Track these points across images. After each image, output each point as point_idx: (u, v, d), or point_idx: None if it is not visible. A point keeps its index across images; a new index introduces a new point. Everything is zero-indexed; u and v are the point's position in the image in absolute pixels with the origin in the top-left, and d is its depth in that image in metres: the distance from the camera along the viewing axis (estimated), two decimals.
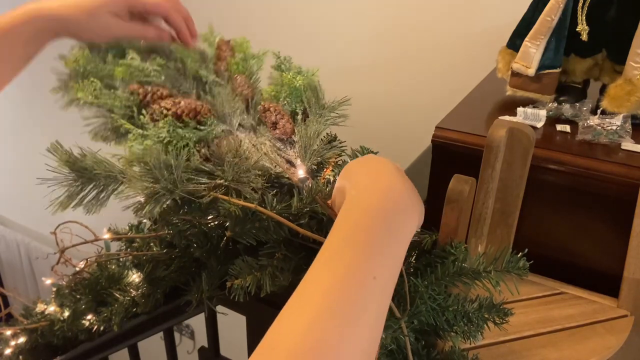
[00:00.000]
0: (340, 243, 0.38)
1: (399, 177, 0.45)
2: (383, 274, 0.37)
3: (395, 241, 0.39)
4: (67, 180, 0.55)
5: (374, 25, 1.49)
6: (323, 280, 0.36)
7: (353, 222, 0.39)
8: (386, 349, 0.55)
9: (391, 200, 0.41)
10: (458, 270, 0.55)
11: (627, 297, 0.77)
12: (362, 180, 0.43)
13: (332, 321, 0.33)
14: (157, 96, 0.62)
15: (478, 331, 0.58)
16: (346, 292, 0.35)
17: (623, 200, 0.75)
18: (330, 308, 0.34)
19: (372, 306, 0.35)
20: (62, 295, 0.94)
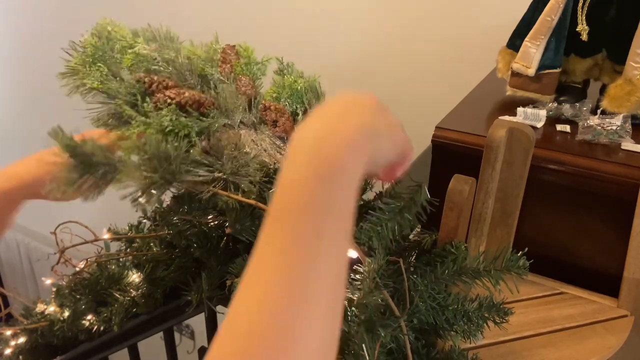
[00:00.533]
0: (277, 210, 0.35)
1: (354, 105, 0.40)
2: (329, 231, 0.34)
3: (336, 196, 0.35)
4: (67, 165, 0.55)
5: (373, 25, 1.49)
6: (266, 253, 0.34)
7: (287, 177, 0.36)
8: (385, 347, 0.55)
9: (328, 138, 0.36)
10: (458, 270, 0.55)
11: (627, 297, 0.77)
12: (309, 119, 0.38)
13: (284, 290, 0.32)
14: (163, 86, 0.62)
15: (478, 330, 0.58)
16: (290, 257, 0.33)
17: (623, 200, 0.75)
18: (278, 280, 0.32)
19: (322, 265, 0.33)
20: (62, 295, 0.94)
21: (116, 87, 0.60)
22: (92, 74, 0.62)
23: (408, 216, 0.57)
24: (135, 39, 0.68)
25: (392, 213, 0.57)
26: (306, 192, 0.34)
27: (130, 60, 0.64)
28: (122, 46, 0.67)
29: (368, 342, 0.54)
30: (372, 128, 0.39)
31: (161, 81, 0.61)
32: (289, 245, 0.33)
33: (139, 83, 0.61)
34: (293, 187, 0.35)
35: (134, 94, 0.60)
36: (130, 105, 0.60)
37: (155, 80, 0.61)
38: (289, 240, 0.33)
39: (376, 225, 0.57)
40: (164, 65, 0.64)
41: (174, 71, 0.64)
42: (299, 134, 0.38)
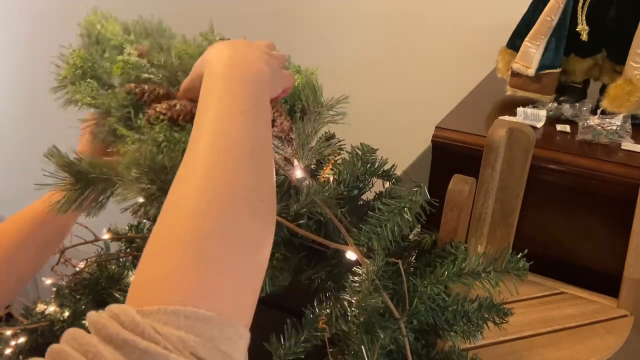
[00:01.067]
0: (205, 97, 0.45)
1: (249, 46, 0.52)
2: (249, 109, 0.44)
3: (251, 81, 0.46)
4: (66, 185, 0.56)
5: (374, 25, 1.49)
6: (201, 129, 0.43)
7: (212, 78, 0.46)
8: (385, 349, 0.55)
9: (241, 53, 0.49)
10: (458, 271, 0.55)
11: (627, 297, 0.77)
12: (215, 50, 0.50)
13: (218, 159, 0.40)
14: (154, 95, 0.62)
15: (478, 331, 0.58)
16: (219, 131, 0.42)
17: (623, 200, 0.75)
18: (213, 147, 0.41)
19: (249, 136, 0.43)
20: (62, 295, 0.94)
21: (108, 102, 0.61)
22: (83, 90, 0.62)
23: (407, 217, 0.57)
24: (125, 37, 0.67)
25: (391, 214, 0.57)
26: (236, 84, 0.45)
27: (120, 68, 0.64)
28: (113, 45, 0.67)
29: (367, 344, 0.54)
30: (267, 58, 0.51)
31: (152, 90, 0.62)
32: (223, 119, 0.43)
33: (130, 94, 0.61)
34: (220, 79, 0.46)
35: (126, 106, 0.60)
36: (123, 119, 0.60)
37: (146, 90, 0.62)
38: (221, 115, 0.43)
39: (376, 227, 0.57)
40: (154, 72, 0.64)
41: (165, 75, 0.64)
42: (213, 52, 0.49)
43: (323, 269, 0.64)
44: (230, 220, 0.38)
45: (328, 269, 0.64)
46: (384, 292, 0.54)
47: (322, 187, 0.60)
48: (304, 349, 0.59)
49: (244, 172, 0.41)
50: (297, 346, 0.59)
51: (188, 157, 0.42)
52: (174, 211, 0.38)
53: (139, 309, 0.32)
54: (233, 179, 0.40)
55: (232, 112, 0.43)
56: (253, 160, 0.42)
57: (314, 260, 0.65)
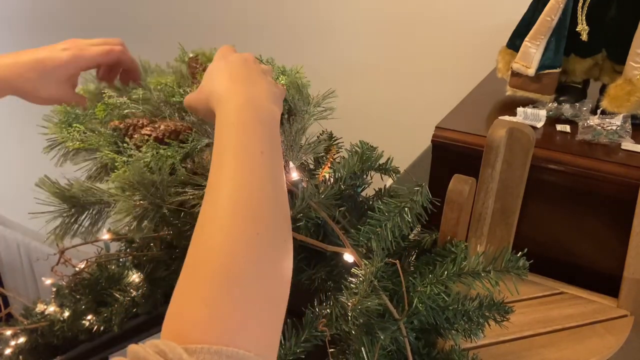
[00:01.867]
0: (222, 138, 0.46)
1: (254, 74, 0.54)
2: (267, 148, 0.46)
3: (266, 122, 0.48)
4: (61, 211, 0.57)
5: (374, 25, 1.49)
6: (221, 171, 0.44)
7: (229, 121, 0.47)
8: (385, 349, 0.54)
9: (253, 95, 0.50)
10: (457, 271, 0.55)
11: (627, 297, 0.77)
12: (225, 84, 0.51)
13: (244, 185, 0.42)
14: (139, 127, 0.64)
15: (479, 329, 0.58)
16: (242, 171, 0.43)
17: (623, 200, 0.75)
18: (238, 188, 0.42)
19: (270, 175, 0.44)
20: (62, 295, 0.94)
21: (97, 141, 0.63)
22: (72, 135, 0.65)
23: (408, 217, 0.57)
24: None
25: (391, 214, 0.57)
26: (249, 128, 0.47)
27: (103, 111, 0.67)
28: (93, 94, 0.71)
29: (367, 345, 0.53)
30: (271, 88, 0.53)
31: (135, 123, 0.64)
32: (244, 159, 0.44)
33: (116, 131, 0.64)
34: (235, 126, 0.47)
35: (114, 142, 0.63)
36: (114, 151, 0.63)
37: (130, 123, 0.64)
38: (241, 156, 0.44)
39: (375, 227, 0.57)
40: (135, 107, 0.66)
41: (147, 108, 0.66)
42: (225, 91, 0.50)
43: (323, 269, 0.64)
44: (257, 262, 0.39)
45: (328, 269, 0.64)
46: (383, 294, 0.54)
47: (317, 189, 0.60)
48: (304, 349, 0.59)
49: (268, 212, 0.42)
50: (297, 346, 0.59)
51: (210, 201, 0.43)
52: (204, 249, 0.40)
53: (184, 346, 0.33)
54: (258, 220, 0.41)
55: (252, 152, 0.44)
56: (275, 198, 0.44)
57: (313, 261, 0.65)
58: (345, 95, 1.74)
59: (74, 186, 0.57)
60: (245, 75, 0.53)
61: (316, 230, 0.61)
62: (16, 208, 3.00)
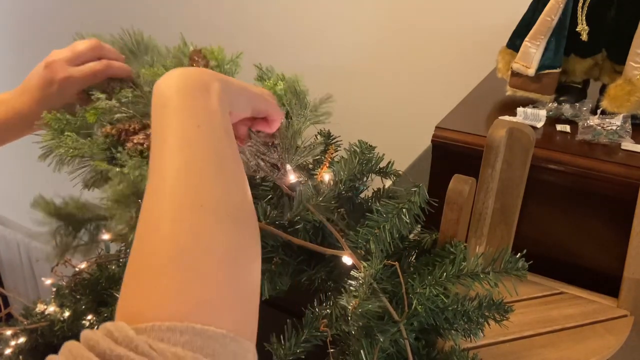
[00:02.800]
0: (158, 117, 0.45)
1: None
2: (204, 121, 0.44)
3: (201, 95, 0.46)
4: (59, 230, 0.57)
5: (373, 25, 1.49)
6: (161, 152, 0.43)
7: (163, 97, 0.46)
8: (385, 352, 0.54)
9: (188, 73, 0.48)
10: (456, 272, 0.55)
11: (627, 297, 0.77)
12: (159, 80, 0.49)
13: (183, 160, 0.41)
14: (131, 132, 0.63)
15: (478, 329, 0.58)
16: (179, 149, 0.42)
17: (623, 200, 0.75)
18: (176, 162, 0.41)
19: (209, 148, 0.43)
20: (62, 295, 0.94)
21: (90, 149, 0.63)
22: (64, 143, 0.64)
23: (405, 219, 0.56)
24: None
25: (389, 215, 0.57)
26: (185, 100, 0.45)
27: (94, 116, 0.66)
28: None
29: (366, 347, 0.53)
30: (221, 76, 0.50)
31: (127, 128, 0.64)
32: (180, 135, 0.43)
33: (108, 137, 0.63)
34: (171, 98, 0.46)
35: (107, 149, 0.62)
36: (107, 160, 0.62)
37: (122, 129, 0.63)
38: (179, 131, 0.43)
39: (373, 228, 0.57)
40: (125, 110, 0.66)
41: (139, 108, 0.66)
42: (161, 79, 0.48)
43: (323, 270, 0.64)
44: (205, 234, 0.38)
45: (328, 270, 0.64)
46: (383, 297, 0.54)
47: (315, 192, 0.59)
48: (304, 349, 0.59)
49: (210, 185, 0.41)
50: (297, 346, 0.59)
51: (154, 172, 0.42)
52: (150, 228, 0.39)
53: (133, 326, 0.32)
54: (200, 192, 0.40)
55: (188, 126, 0.44)
56: (218, 171, 0.43)
57: (313, 261, 0.65)
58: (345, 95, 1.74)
59: (69, 204, 0.57)
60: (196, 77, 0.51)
61: (315, 232, 0.61)
62: (16, 208, 3.00)
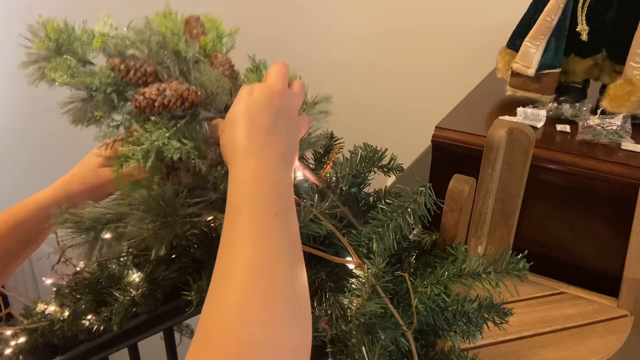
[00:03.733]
0: (235, 201, 0.46)
1: (276, 124, 0.51)
2: (281, 211, 0.45)
3: (280, 184, 0.47)
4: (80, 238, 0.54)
5: (374, 25, 1.49)
6: (238, 232, 0.43)
7: (244, 180, 0.47)
8: (386, 349, 0.54)
9: (270, 155, 0.49)
10: (458, 272, 0.55)
11: (626, 297, 0.77)
12: (243, 137, 0.50)
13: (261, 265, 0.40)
14: (141, 73, 0.55)
15: (477, 331, 0.58)
16: (257, 234, 0.42)
17: (623, 200, 0.75)
18: (251, 250, 0.41)
19: (281, 238, 0.43)
20: (62, 295, 0.94)
21: (89, 80, 0.54)
22: (59, 67, 0.54)
23: (410, 219, 0.56)
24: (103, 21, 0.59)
25: (394, 214, 0.56)
26: (265, 190, 0.46)
27: (100, 42, 0.56)
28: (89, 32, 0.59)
29: (367, 345, 0.53)
30: (290, 143, 0.52)
31: (139, 67, 0.55)
32: (258, 223, 0.43)
33: (114, 71, 0.54)
34: (250, 185, 0.46)
35: (109, 84, 0.54)
36: (108, 101, 0.54)
37: (131, 65, 0.55)
38: (256, 219, 0.43)
39: (377, 227, 0.56)
40: (139, 47, 0.57)
41: (150, 52, 0.57)
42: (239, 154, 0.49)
43: (323, 270, 0.64)
44: (274, 329, 0.38)
45: (328, 269, 0.64)
46: (385, 297, 0.54)
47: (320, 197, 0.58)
48: None
49: (284, 277, 0.41)
50: None
51: (224, 263, 0.42)
52: (217, 320, 0.38)
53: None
54: (274, 284, 0.40)
55: (267, 215, 0.44)
56: (290, 262, 0.42)
57: (314, 261, 0.65)
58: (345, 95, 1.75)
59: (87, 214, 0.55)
60: (265, 128, 0.50)
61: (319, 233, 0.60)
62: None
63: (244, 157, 0.48)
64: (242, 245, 0.41)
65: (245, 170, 0.47)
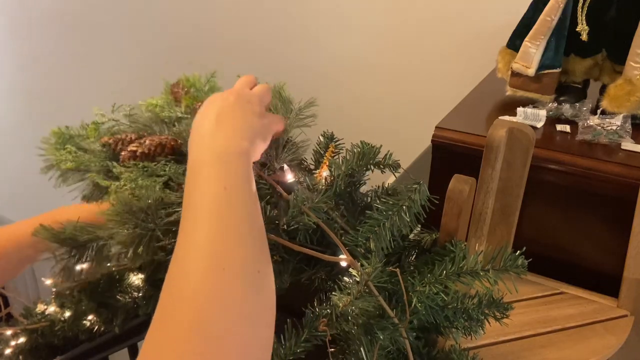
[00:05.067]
0: (188, 183, 0.48)
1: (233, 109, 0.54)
2: (231, 183, 0.46)
3: (231, 157, 0.49)
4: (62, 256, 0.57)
5: (374, 25, 1.49)
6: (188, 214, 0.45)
7: (193, 161, 0.49)
8: (385, 349, 0.54)
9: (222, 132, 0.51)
10: (457, 270, 0.55)
11: (626, 297, 0.77)
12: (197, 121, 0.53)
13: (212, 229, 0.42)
14: (127, 141, 0.64)
15: (479, 326, 0.58)
16: (205, 211, 0.44)
17: (623, 200, 0.75)
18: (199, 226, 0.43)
19: (230, 210, 0.45)
20: (63, 295, 0.94)
21: (87, 160, 0.64)
22: (64, 156, 0.65)
23: (406, 217, 0.56)
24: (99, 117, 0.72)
25: (390, 212, 0.57)
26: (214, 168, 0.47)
27: (94, 130, 0.68)
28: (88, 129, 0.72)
29: (366, 345, 0.53)
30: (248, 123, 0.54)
31: (124, 138, 0.64)
32: (208, 200, 0.45)
33: (105, 147, 0.64)
34: (204, 166, 0.48)
35: (104, 159, 0.63)
36: (104, 172, 0.63)
37: (119, 139, 0.64)
38: (206, 194, 0.45)
39: (373, 226, 0.56)
40: (125, 125, 0.67)
41: (137, 126, 0.67)
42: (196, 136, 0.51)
43: (323, 269, 0.64)
44: (226, 298, 0.39)
45: (327, 269, 0.64)
46: (380, 296, 0.54)
47: (311, 194, 0.59)
48: (304, 349, 0.59)
49: (234, 246, 0.42)
50: (297, 346, 0.59)
51: (182, 238, 0.43)
52: (173, 294, 0.40)
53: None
54: (223, 256, 0.41)
55: (215, 190, 0.45)
56: (242, 231, 0.44)
57: (313, 261, 0.65)
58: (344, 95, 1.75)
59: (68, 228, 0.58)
60: (223, 113, 0.54)
61: (314, 230, 0.61)
62: (16, 208, 3.00)
63: (193, 138, 0.51)
64: (192, 227, 0.43)
65: (194, 151, 0.50)
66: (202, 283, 0.39)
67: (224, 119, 0.53)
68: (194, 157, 0.50)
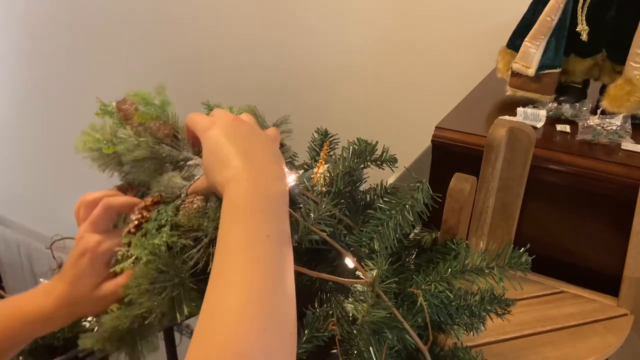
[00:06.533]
0: (228, 224, 0.46)
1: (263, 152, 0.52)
2: (274, 230, 0.45)
3: (273, 202, 0.48)
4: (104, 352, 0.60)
5: (374, 25, 1.50)
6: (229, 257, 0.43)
7: (235, 204, 0.47)
8: (392, 349, 0.54)
9: (257, 172, 0.49)
10: (461, 268, 0.55)
11: (627, 296, 0.77)
12: (235, 162, 0.50)
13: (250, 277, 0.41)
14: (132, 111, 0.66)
15: (480, 323, 0.58)
16: (248, 261, 0.42)
17: (623, 200, 0.75)
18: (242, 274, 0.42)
19: (273, 260, 0.44)
20: None
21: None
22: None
23: (409, 216, 0.56)
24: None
25: (393, 211, 0.56)
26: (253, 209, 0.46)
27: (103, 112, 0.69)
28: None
29: (375, 345, 0.53)
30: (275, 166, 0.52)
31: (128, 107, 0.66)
32: (248, 244, 0.44)
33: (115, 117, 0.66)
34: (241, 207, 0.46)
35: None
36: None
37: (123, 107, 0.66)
38: (246, 241, 0.44)
39: (377, 226, 0.56)
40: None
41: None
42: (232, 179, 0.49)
43: (324, 270, 0.64)
44: (264, 354, 0.38)
45: (329, 270, 0.64)
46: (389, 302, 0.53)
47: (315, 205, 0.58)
48: (305, 349, 0.59)
49: (275, 304, 0.41)
50: (298, 347, 0.59)
51: (218, 286, 0.42)
52: (210, 345, 0.38)
53: None
54: (266, 315, 0.40)
55: (258, 237, 0.44)
56: (282, 286, 0.43)
57: (314, 261, 0.65)
58: (344, 95, 1.75)
59: (99, 330, 0.59)
60: (244, 148, 0.51)
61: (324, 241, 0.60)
62: (16, 208, 3.00)
63: (238, 180, 0.48)
64: (233, 272, 0.42)
65: (238, 192, 0.47)
66: (244, 338, 0.38)
67: (246, 153, 0.50)
68: (228, 199, 0.47)
